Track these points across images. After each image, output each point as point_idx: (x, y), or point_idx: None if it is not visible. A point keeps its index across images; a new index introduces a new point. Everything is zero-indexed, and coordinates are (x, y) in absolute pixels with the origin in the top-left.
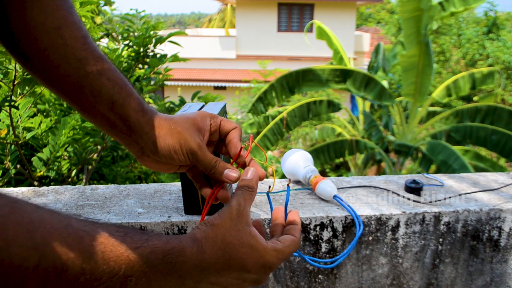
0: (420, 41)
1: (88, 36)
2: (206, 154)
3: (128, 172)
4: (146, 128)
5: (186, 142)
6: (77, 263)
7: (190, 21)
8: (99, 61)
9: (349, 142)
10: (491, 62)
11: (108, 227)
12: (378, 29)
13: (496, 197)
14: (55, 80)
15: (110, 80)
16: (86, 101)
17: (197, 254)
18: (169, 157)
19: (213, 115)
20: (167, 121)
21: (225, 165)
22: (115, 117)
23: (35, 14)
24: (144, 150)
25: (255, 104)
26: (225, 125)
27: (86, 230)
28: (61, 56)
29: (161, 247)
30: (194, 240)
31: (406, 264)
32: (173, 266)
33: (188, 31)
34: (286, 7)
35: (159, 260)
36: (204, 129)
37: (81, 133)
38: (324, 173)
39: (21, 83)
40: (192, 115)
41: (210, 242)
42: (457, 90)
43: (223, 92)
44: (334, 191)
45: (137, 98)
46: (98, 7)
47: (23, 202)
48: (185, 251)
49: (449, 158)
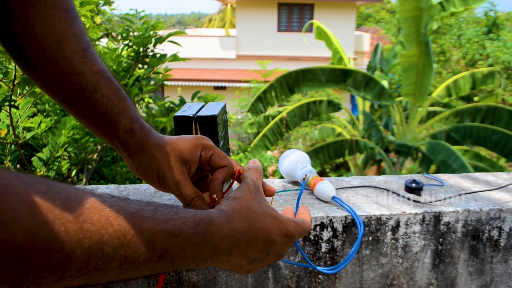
0: (420, 40)
1: (89, 48)
2: (183, 191)
3: (128, 172)
4: (132, 151)
5: (163, 175)
6: (115, 236)
7: (190, 21)
8: (95, 76)
9: (349, 142)
10: (491, 62)
11: (139, 203)
12: (378, 29)
13: (496, 197)
14: (55, 91)
15: (105, 97)
16: (82, 114)
17: (226, 224)
18: (151, 183)
19: (206, 146)
20: (153, 148)
21: (202, 204)
22: (107, 133)
23: (36, 26)
24: (131, 167)
25: (255, 104)
26: (215, 161)
27: (120, 205)
28: (60, 70)
29: (191, 218)
30: (221, 212)
31: (406, 264)
32: (206, 235)
33: (188, 31)
34: (286, 7)
35: (192, 229)
36: (192, 161)
37: (81, 133)
38: (324, 173)
39: (21, 82)
40: (183, 143)
41: (236, 212)
42: (457, 90)
43: (223, 92)
44: (332, 192)
45: (129, 117)
46: (98, 7)
47: (57, 182)
48: (214, 221)
49: (448, 158)
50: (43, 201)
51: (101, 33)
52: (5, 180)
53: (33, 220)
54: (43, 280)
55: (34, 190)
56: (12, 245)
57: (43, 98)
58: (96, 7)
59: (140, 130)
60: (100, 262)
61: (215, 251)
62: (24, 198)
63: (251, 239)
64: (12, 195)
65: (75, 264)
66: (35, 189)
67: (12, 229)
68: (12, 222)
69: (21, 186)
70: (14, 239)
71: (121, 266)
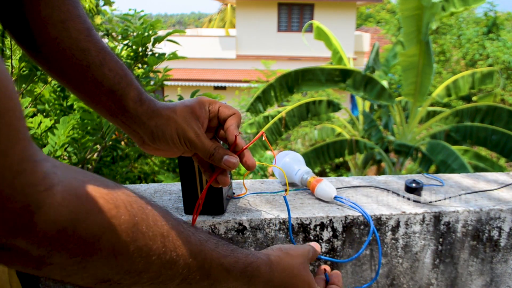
0: (420, 40)
1: (92, 28)
2: (204, 142)
3: (128, 172)
4: (144, 118)
5: (183, 131)
6: (185, 258)
7: (190, 21)
8: (101, 52)
9: (349, 142)
10: (491, 62)
11: (204, 233)
12: (378, 29)
13: (496, 197)
14: (62, 71)
15: (111, 71)
16: (89, 90)
17: (268, 274)
18: (168, 146)
19: (211, 101)
20: (165, 111)
21: (224, 151)
22: (115, 107)
23: (42, 8)
24: (143, 139)
25: (254, 104)
26: (223, 111)
27: (191, 231)
28: (66, 48)
29: (243, 259)
30: (268, 261)
31: (406, 264)
32: (250, 278)
33: (188, 31)
34: (286, 7)
35: (241, 270)
36: (203, 116)
37: (81, 132)
38: (324, 173)
39: (18, 80)
40: (190, 102)
41: (280, 267)
42: (456, 90)
43: (223, 92)
44: (333, 192)
45: (136, 88)
46: (98, 7)
47: (144, 198)
48: (260, 268)
49: (448, 158)
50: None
51: (101, 33)
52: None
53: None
54: (125, 281)
55: (136, 203)
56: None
57: (43, 98)
58: (96, 7)
59: (148, 99)
60: (169, 277)
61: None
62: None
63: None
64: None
65: (151, 273)
66: (145, 218)
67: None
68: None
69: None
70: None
71: (180, 284)
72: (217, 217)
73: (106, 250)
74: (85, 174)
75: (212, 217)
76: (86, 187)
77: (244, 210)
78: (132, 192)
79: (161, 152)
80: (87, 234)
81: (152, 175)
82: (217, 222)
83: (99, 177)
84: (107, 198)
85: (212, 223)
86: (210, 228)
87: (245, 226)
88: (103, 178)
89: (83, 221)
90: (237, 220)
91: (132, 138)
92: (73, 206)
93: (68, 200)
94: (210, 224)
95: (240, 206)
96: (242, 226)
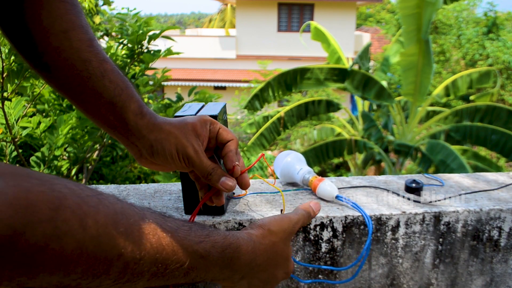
0: (420, 39)
1: (94, 39)
2: (203, 160)
3: (128, 172)
4: (144, 131)
5: (183, 147)
6: (152, 253)
7: (190, 21)
8: (102, 63)
9: (348, 142)
10: (491, 62)
11: (175, 221)
12: (378, 29)
13: (496, 197)
14: (62, 80)
15: (112, 82)
16: (88, 101)
17: (250, 254)
18: (166, 161)
19: (213, 121)
20: (166, 125)
21: (222, 173)
22: (115, 119)
23: (44, 17)
24: (141, 152)
25: (251, 101)
26: (223, 134)
27: (158, 222)
28: (67, 57)
29: (221, 242)
30: (249, 240)
31: (406, 264)
32: (229, 261)
33: (188, 31)
34: (286, 7)
35: (218, 254)
36: (203, 135)
37: (80, 132)
38: (323, 173)
39: (10, 75)
40: (192, 120)
41: (263, 247)
42: (455, 90)
43: (223, 92)
44: (335, 191)
45: (137, 101)
46: (97, 7)
47: (106, 194)
48: (240, 249)
49: (447, 158)
50: (92, 215)
51: (100, 33)
52: (61, 194)
53: (82, 233)
54: (84, 285)
55: (86, 204)
56: (62, 255)
57: (43, 98)
58: (96, 7)
59: (149, 112)
60: (135, 275)
61: (232, 274)
62: (76, 211)
63: (263, 271)
64: (66, 209)
65: (113, 275)
66: (87, 203)
67: (63, 240)
68: (63, 235)
69: (74, 200)
70: (64, 250)
71: (150, 279)
72: (217, 217)
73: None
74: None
75: (212, 217)
76: (27, 193)
77: (244, 210)
78: (88, 189)
79: (158, 166)
80: (32, 243)
81: (152, 175)
82: (217, 222)
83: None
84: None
85: (212, 223)
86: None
87: (245, 226)
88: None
89: (29, 231)
90: (237, 220)
91: (130, 151)
92: (17, 215)
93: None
94: (210, 224)
95: (240, 206)
96: (242, 226)
